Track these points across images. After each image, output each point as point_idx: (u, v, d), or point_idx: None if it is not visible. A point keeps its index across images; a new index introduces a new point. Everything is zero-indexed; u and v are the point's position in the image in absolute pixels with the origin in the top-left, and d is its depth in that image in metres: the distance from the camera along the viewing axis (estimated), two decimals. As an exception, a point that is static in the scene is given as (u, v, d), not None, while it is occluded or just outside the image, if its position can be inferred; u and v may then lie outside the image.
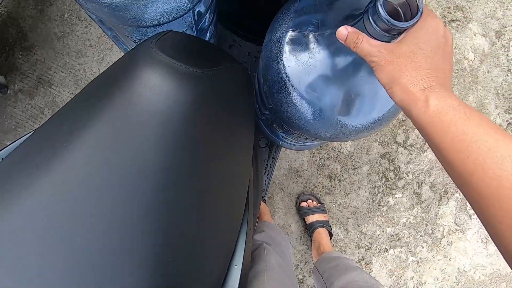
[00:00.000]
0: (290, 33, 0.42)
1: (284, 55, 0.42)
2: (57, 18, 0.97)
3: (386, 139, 1.10)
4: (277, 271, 0.56)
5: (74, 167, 0.28)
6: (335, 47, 0.39)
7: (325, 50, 0.40)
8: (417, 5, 0.28)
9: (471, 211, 1.13)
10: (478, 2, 1.11)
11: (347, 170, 1.08)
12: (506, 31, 1.12)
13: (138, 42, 0.53)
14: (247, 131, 0.41)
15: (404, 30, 0.29)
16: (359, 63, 0.39)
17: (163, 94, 0.29)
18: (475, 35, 1.11)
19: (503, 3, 1.12)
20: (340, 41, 0.31)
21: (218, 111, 0.34)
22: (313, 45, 0.40)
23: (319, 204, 1.04)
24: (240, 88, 0.40)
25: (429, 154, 1.11)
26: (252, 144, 0.44)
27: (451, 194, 1.12)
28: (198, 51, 0.37)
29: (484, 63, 1.12)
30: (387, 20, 0.27)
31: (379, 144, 1.09)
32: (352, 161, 1.08)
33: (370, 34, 0.30)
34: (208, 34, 0.62)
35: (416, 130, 1.10)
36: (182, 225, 0.30)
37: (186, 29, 0.52)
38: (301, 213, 1.03)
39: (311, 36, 0.41)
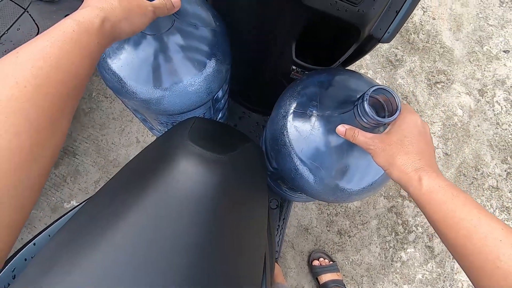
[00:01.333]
0: (294, 111, 0.50)
1: (288, 130, 0.50)
2: (86, 97, 1.10)
3: (391, 193, 1.13)
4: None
5: (120, 248, 0.33)
6: (333, 126, 0.47)
7: (324, 127, 0.47)
8: (396, 104, 0.35)
9: (488, 264, 1.10)
10: (457, 66, 1.25)
11: (356, 225, 1.10)
12: (488, 89, 1.23)
13: (165, 124, 0.61)
14: (263, 200, 0.47)
15: (388, 123, 0.36)
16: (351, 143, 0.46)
17: (196, 180, 0.35)
18: (460, 94, 1.22)
19: (480, 66, 1.25)
20: (340, 135, 0.38)
21: (240, 189, 0.40)
22: (313, 123, 0.48)
23: (331, 262, 1.03)
24: (254, 163, 0.47)
25: (435, 206, 1.13)
26: (266, 212, 0.49)
27: (464, 247, 1.11)
28: (220, 137, 0.44)
29: (473, 118, 1.21)
30: (372, 117, 0.35)
31: (384, 198, 1.12)
32: (360, 216, 1.10)
33: (361, 124, 0.37)
34: (222, 111, 0.72)
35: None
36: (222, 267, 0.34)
37: (205, 112, 0.61)
38: (314, 272, 1.02)
39: (311, 115, 0.49)
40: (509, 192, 1.15)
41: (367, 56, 1.22)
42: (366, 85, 0.49)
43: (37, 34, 0.82)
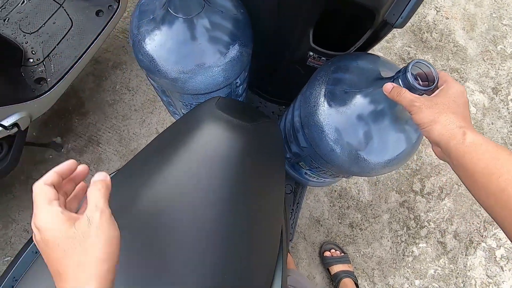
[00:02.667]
0: (328, 88, 0.52)
1: (324, 105, 0.52)
2: (110, 89, 1.16)
3: (402, 188, 1.14)
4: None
5: (153, 200, 0.37)
6: (366, 102, 0.49)
7: (358, 102, 0.49)
8: (433, 75, 0.38)
9: (502, 262, 1.09)
10: (471, 64, 1.26)
11: (368, 218, 1.11)
12: (502, 87, 1.24)
13: (189, 105, 0.66)
14: (281, 170, 0.50)
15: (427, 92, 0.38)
16: (383, 115, 0.48)
17: (224, 142, 0.39)
18: (473, 92, 1.23)
19: (494, 64, 1.26)
20: (385, 92, 0.40)
21: (262, 156, 0.43)
22: (348, 98, 0.50)
23: (342, 254, 1.04)
24: (274, 136, 0.50)
25: (448, 203, 1.13)
26: (284, 182, 0.52)
27: (477, 244, 1.10)
28: (243, 110, 0.48)
29: (487, 116, 1.21)
30: (414, 85, 0.38)
31: (396, 193, 1.14)
32: (371, 210, 1.12)
33: None
34: (241, 98, 0.76)
35: (431, 178, 1.15)
36: (236, 245, 0.37)
37: (227, 95, 0.65)
38: (325, 263, 1.04)
39: (345, 91, 0.51)
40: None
41: (379, 54, 1.25)
42: (391, 65, 0.52)
43: (71, 28, 0.89)
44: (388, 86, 0.39)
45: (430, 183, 1.15)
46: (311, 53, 0.61)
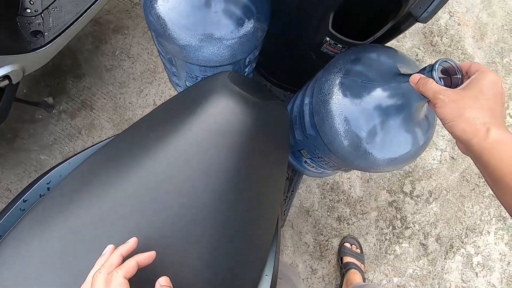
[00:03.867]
0: (345, 79, 0.51)
1: (339, 94, 0.50)
2: (109, 54, 1.11)
3: (393, 188, 1.16)
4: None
5: (160, 166, 0.35)
6: (381, 97, 0.47)
7: (372, 97, 0.48)
8: (458, 76, 0.37)
9: (477, 269, 1.13)
10: (475, 74, 1.26)
11: (356, 214, 1.12)
12: (502, 100, 1.25)
13: (195, 78, 0.63)
14: (285, 154, 0.49)
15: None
16: (398, 112, 0.47)
17: (235, 115, 0.37)
18: None
19: (498, 76, 1.27)
20: (411, 84, 0.39)
21: (270, 135, 0.42)
22: (365, 90, 0.49)
23: (361, 253, 1.06)
24: (283, 118, 0.49)
25: (435, 207, 1.16)
26: (286, 166, 0.51)
27: (456, 249, 1.14)
28: (256, 88, 0.46)
29: (484, 126, 1.22)
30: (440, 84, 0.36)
31: (387, 192, 1.15)
32: (360, 206, 1.13)
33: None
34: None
35: (422, 182, 1.17)
36: (237, 220, 0.36)
37: (235, 71, 0.62)
38: (342, 251, 1.05)
39: (364, 83, 0.49)
40: (508, 202, 1.17)
41: (388, 52, 1.23)
42: (410, 61, 0.51)
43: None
44: (416, 77, 0.38)
45: (420, 186, 1.16)
46: (327, 39, 0.59)
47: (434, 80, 0.36)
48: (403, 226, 1.13)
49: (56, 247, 0.32)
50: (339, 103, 0.49)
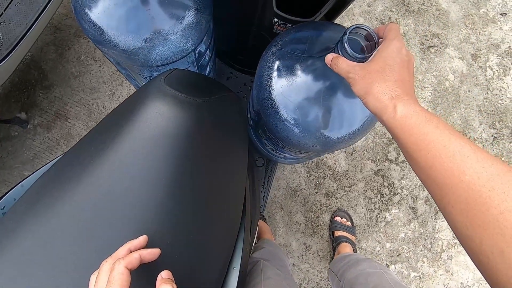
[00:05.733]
0: (279, 60, 0.50)
1: (273, 79, 0.50)
2: (74, 60, 1.09)
3: (378, 157, 1.16)
4: (274, 280, 0.60)
5: (100, 180, 0.35)
6: (317, 73, 0.47)
7: (308, 74, 0.48)
8: (374, 41, 0.36)
9: (468, 224, 1.16)
10: (452, 29, 1.22)
11: (343, 187, 1.13)
12: (481, 53, 1.22)
13: (148, 78, 0.62)
14: (241, 146, 0.49)
15: (369, 56, 0.36)
16: (337, 85, 0.46)
17: (171, 119, 0.36)
18: (452, 58, 1.21)
19: (476, 29, 1.23)
20: (327, 64, 0.38)
21: (214, 131, 0.41)
22: (297, 71, 0.48)
23: (351, 225, 1.08)
24: (232, 111, 0.48)
25: (421, 170, 1.16)
26: (246, 158, 0.51)
27: (446, 208, 1.15)
28: (197, 84, 0.45)
29: (464, 83, 1.21)
30: (351, 53, 0.35)
31: (372, 162, 1.15)
32: (347, 179, 1.14)
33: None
34: (208, 69, 0.72)
35: (406, 147, 1.17)
36: (185, 226, 0.37)
37: (189, 66, 0.61)
38: (332, 226, 1.07)
39: (296, 63, 0.49)
40: (495, 156, 1.17)
41: (360, 19, 1.19)
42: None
43: (18, -10, 0.79)
44: (329, 57, 0.37)
45: (405, 151, 1.17)
46: (275, 20, 0.57)
47: (347, 51, 0.35)
48: (391, 193, 1.15)
49: (7, 271, 0.33)
50: (275, 87, 0.48)
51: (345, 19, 1.19)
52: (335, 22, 0.62)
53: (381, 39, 0.36)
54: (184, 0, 0.50)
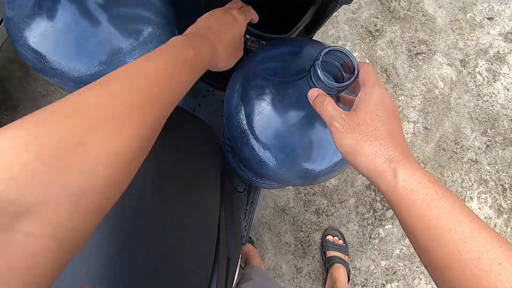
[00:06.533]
0: (249, 83, 0.44)
1: (242, 105, 0.44)
2: (41, 78, 1.01)
3: (369, 170, 1.11)
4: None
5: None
6: (293, 100, 0.41)
7: (282, 101, 0.42)
8: (353, 66, 0.30)
9: (464, 237, 1.11)
10: (439, 35, 1.19)
11: (334, 204, 1.08)
12: (470, 59, 1.19)
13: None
14: (210, 182, 0.43)
15: (344, 88, 0.31)
16: (315, 114, 0.41)
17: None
18: (441, 65, 1.18)
19: (463, 35, 1.20)
20: (309, 99, 0.32)
21: (180, 164, 0.36)
22: (270, 96, 0.42)
23: (344, 244, 1.02)
24: (197, 144, 0.42)
25: (414, 182, 1.12)
26: (217, 199, 0.44)
27: (441, 221, 1.11)
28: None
29: (454, 90, 1.17)
30: (325, 81, 0.29)
31: (362, 176, 1.10)
32: (337, 195, 1.08)
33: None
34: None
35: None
36: (146, 259, 0.31)
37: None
38: (324, 245, 1.01)
39: (268, 87, 0.43)
40: (488, 165, 1.13)
41: (345, 27, 1.15)
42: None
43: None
44: (313, 93, 0.31)
45: (396, 163, 1.12)
46: (247, 36, 0.51)
47: (320, 78, 0.29)
48: (384, 208, 1.09)
49: None
50: (245, 114, 0.42)
51: (329, 27, 1.14)
52: (315, 36, 0.56)
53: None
54: (140, 16, 0.44)
